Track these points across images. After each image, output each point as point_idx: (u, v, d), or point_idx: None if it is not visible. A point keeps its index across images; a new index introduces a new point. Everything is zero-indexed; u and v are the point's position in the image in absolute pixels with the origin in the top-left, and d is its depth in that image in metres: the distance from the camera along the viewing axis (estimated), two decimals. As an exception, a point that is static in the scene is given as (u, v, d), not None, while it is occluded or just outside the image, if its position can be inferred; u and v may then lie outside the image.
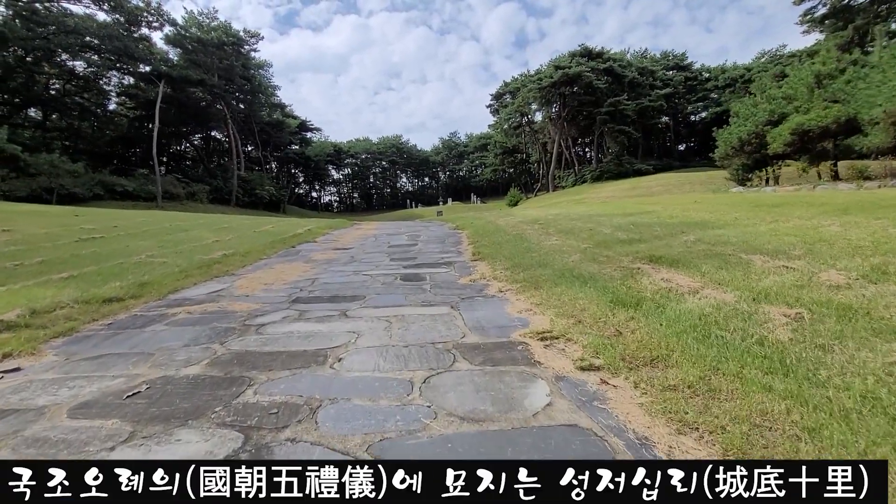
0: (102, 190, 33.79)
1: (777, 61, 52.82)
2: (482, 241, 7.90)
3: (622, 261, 4.86)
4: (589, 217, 9.79)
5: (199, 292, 4.80)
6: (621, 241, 6.10)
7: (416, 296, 4.38)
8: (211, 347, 2.93)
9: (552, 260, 5.41)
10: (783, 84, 17.66)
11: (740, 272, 3.83)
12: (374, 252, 7.84)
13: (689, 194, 18.64)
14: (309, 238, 9.82)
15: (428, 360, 2.59)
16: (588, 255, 5.47)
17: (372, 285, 5.01)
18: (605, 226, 8.10)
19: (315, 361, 2.61)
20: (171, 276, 5.35)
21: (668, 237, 6.02)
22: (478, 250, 7.03)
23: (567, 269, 4.73)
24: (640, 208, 11.14)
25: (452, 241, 8.80)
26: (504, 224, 10.46)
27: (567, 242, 6.68)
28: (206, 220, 12.79)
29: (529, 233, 8.28)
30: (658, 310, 3.15)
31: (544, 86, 47.82)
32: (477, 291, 4.46)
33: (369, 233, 11.48)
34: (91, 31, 34.46)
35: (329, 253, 7.85)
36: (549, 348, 2.73)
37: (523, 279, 4.60)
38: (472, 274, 5.40)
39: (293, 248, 8.50)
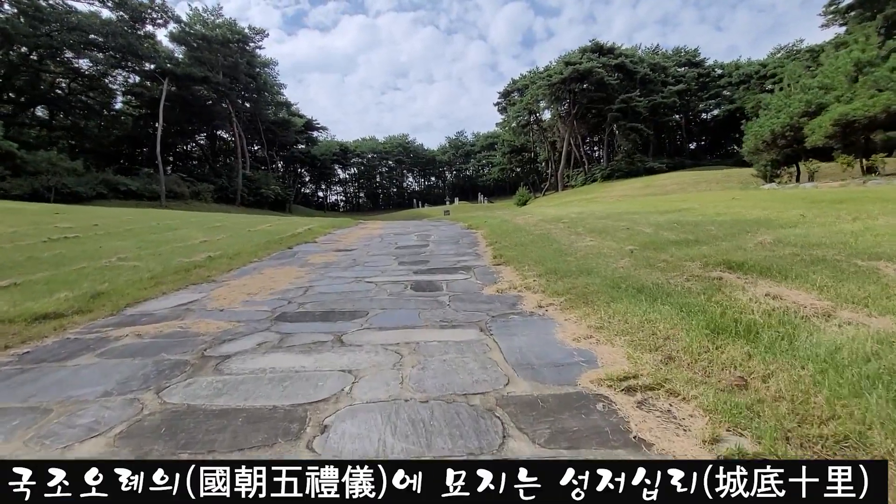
0: (106, 189, 33.35)
1: (794, 56, 51.25)
2: (503, 242, 6.94)
3: (689, 267, 3.88)
4: (618, 215, 8.78)
5: (165, 305, 3.90)
6: (673, 243, 5.10)
7: (432, 312, 3.44)
8: (139, 400, 2.00)
9: (595, 265, 4.44)
10: (817, 73, 16.44)
11: (874, 286, 2.84)
12: (379, 254, 6.92)
13: (714, 192, 17.47)
14: (308, 238, 8.92)
15: (462, 432, 1.64)
16: (639, 259, 4.49)
17: (377, 296, 4.07)
18: (643, 224, 7.10)
19: (286, 434, 1.67)
20: (136, 285, 4.46)
21: (731, 238, 5.01)
22: (499, 252, 6.07)
23: (620, 278, 3.76)
24: (672, 206, 10.10)
25: (468, 242, 7.85)
26: (523, 223, 9.48)
27: (605, 244, 5.70)
28: (200, 219, 11.95)
29: (556, 232, 7.31)
30: (786, 343, 2.18)
31: (554, 82, 46.60)
32: (509, 306, 3.51)
33: (375, 233, 10.56)
34: (95, 28, 33.99)
35: (329, 255, 6.93)
36: (647, 409, 1.77)
37: (565, 290, 3.64)
38: (498, 282, 4.45)
39: (289, 249, 7.60)
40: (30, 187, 27.20)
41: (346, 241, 8.96)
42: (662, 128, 59.22)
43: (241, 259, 6.34)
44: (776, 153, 16.65)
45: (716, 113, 62.44)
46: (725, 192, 14.02)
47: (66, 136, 40.34)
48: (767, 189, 14.54)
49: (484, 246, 7.21)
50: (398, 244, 8.11)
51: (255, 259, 6.50)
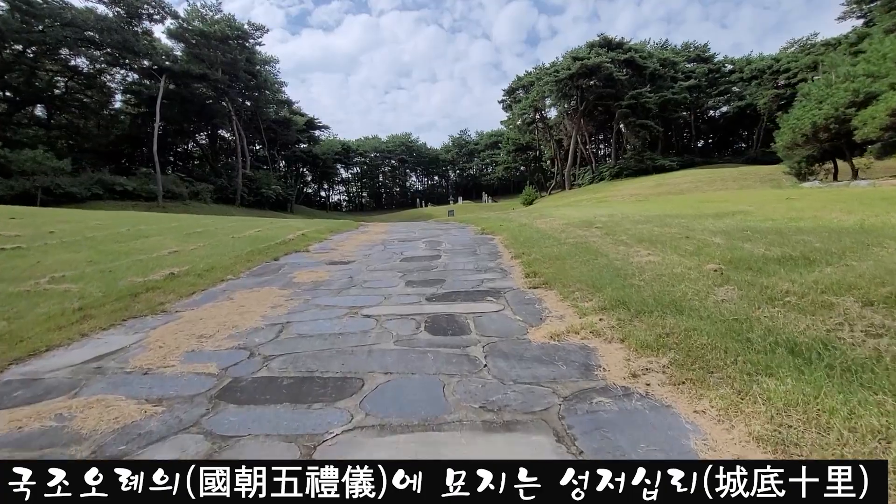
0: (102, 189, 32.36)
1: (808, 51, 49.66)
2: (532, 254, 5.69)
3: (842, 306, 2.61)
4: (661, 219, 7.51)
5: (70, 360, 2.69)
6: (773, 260, 3.84)
7: (463, 383, 2.21)
8: None
9: (678, 294, 3.19)
10: (858, 61, 15.03)
11: None
12: (381, 269, 5.69)
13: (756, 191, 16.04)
14: (300, 247, 7.68)
15: None
16: (742, 285, 3.23)
17: (378, 344, 2.85)
18: (702, 231, 5.84)
19: None
20: (51, 321, 3.26)
21: (851, 253, 3.74)
22: (532, 269, 4.83)
23: (736, 322, 2.53)
24: (719, 208, 8.80)
25: (487, 253, 6.60)
26: (547, 227, 8.22)
27: (670, 259, 4.44)
28: (182, 223, 10.72)
29: (594, 241, 6.05)
30: None
31: (561, 78, 45.18)
32: (581, 371, 2.27)
33: (377, 238, 9.32)
34: (90, 24, 32.94)
35: (320, 270, 5.70)
36: None
37: (658, 342, 2.42)
38: (546, 319, 3.21)
39: (275, 261, 6.38)
40: (21, 188, 26.19)
41: (344, 249, 7.72)
42: (671, 125, 57.57)
43: (211, 276, 5.12)
44: (814, 148, 15.26)
45: (724, 110, 60.73)
46: (771, 192, 12.66)
47: (65, 135, 39.45)
48: (811, 187, 13.17)
49: (508, 258, 5.96)
50: (404, 254, 6.87)
51: (230, 276, 5.28)
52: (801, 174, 16.51)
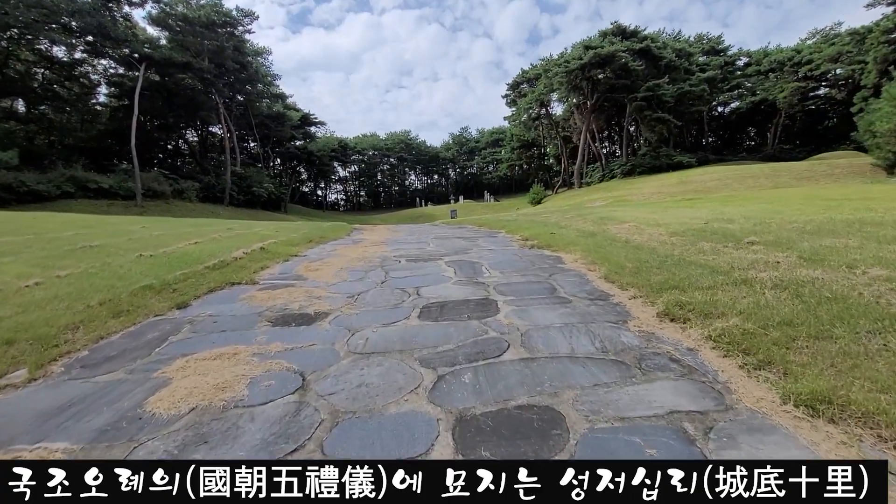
0: (73, 187, 29.41)
1: (831, 41, 47.12)
2: (667, 294, 2.94)
3: None
4: (792, 227, 4.76)
5: None
6: None
7: None
8: None
9: None
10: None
11: None
12: (381, 351, 2.84)
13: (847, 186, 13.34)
14: (242, 276, 4.57)
15: None
16: None
17: None
18: None
19: None
20: None
21: None
22: (720, 339, 2.09)
23: None
24: (846, 213, 6.03)
25: (574, 286, 3.83)
26: (647, 242, 5.42)
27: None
28: (93, 231, 7.67)
29: (754, 264, 3.30)
30: None
31: (572, 69, 42.36)
32: None
33: (373, 253, 6.41)
34: (60, 5, 29.94)
35: (236, 360, 2.87)
36: None
37: None
38: None
39: (179, 309, 3.50)
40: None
41: (318, 277, 4.78)
42: (685, 119, 54.89)
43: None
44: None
45: (736, 105, 58.00)
46: (875, 187, 10.01)
47: (45, 130, 36.43)
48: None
49: (625, 299, 3.21)
50: (420, 293, 3.98)
51: (41, 368, 2.49)
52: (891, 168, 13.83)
